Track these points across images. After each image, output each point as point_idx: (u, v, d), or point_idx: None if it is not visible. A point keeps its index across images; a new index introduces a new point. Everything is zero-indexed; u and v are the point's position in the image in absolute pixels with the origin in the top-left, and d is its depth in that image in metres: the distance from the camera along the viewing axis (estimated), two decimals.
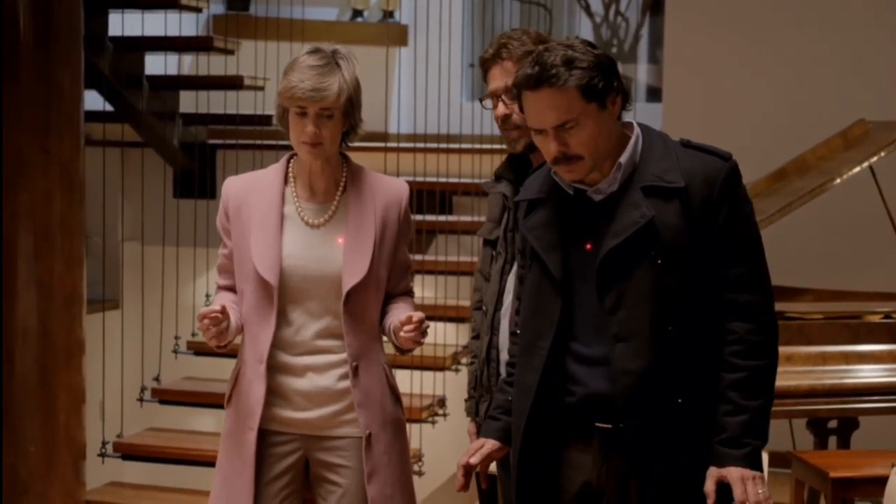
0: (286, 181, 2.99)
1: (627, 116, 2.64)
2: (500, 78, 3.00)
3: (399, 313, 2.93)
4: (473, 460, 2.74)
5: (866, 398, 4.59)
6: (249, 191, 2.99)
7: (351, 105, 2.90)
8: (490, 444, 2.76)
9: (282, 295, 2.91)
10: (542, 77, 2.49)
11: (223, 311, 2.83)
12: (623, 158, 2.56)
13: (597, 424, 2.56)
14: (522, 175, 3.05)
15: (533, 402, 2.60)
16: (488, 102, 3.04)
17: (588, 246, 2.55)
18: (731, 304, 2.54)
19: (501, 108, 3.00)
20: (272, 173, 3.01)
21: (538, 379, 2.59)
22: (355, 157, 3.04)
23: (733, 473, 2.49)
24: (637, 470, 2.53)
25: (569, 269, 2.58)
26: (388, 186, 3.01)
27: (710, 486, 2.50)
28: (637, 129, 2.62)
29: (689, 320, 2.52)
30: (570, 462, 2.62)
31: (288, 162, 3.02)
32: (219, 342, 2.87)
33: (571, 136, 2.50)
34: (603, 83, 2.51)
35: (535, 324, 2.62)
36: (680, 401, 2.50)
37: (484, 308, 3.09)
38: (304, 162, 2.95)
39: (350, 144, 3.00)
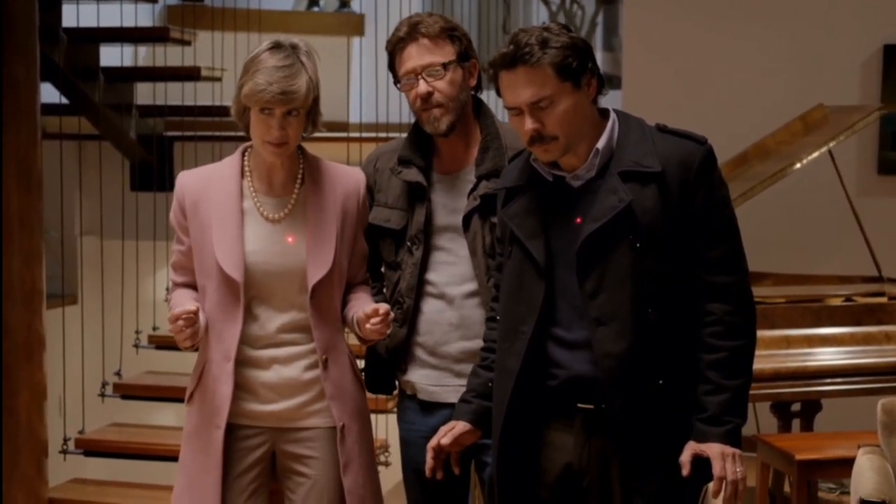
0: (242, 175, 2.95)
1: None
2: (419, 56, 2.94)
3: (362, 304, 2.92)
4: (444, 441, 2.75)
5: (829, 381, 4.64)
6: (205, 186, 2.94)
7: (315, 102, 2.87)
8: (461, 426, 2.78)
9: (246, 291, 2.88)
10: (517, 55, 2.52)
11: (197, 311, 2.80)
12: (600, 144, 2.59)
13: (579, 405, 2.58)
14: (430, 160, 3.03)
15: (514, 386, 2.61)
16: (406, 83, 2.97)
17: (578, 220, 2.56)
18: (709, 286, 2.57)
19: (423, 86, 2.94)
20: (227, 167, 2.97)
21: (520, 363, 2.60)
22: (315, 148, 3.01)
23: (714, 449, 2.53)
24: (618, 450, 2.55)
25: (550, 255, 2.59)
26: (346, 176, 2.99)
27: (685, 457, 2.53)
28: (613, 115, 2.65)
29: (668, 302, 2.54)
30: (551, 443, 2.64)
31: (243, 155, 2.98)
32: (192, 342, 2.83)
33: (546, 115, 2.53)
34: (577, 64, 2.54)
35: (516, 309, 2.63)
36: (661, 382, 2.53)
37: (400, 300, 3.01)
38: (264, 156, 2.92)
39: (307, 136, 2.96)
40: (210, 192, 2.92)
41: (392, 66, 3.02)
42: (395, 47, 2.98)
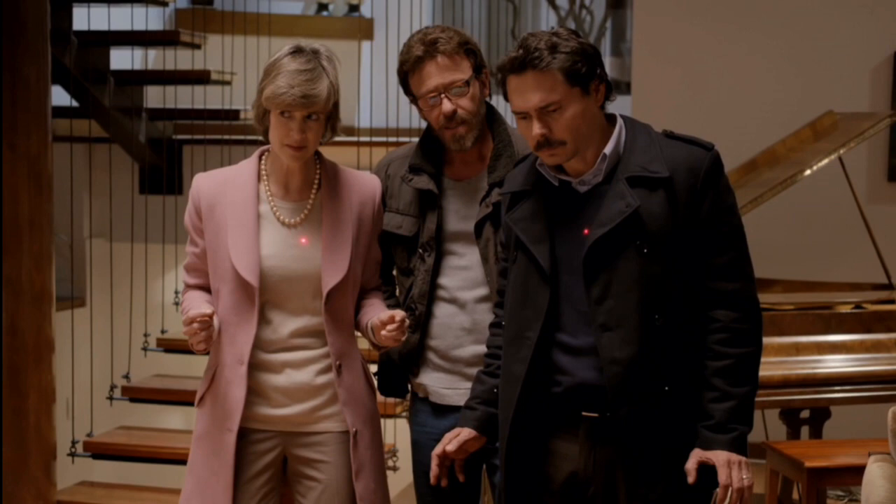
0: (259, 178, 2.95)
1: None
2: (440, 74, 2.90)
3: (376, 310, 2.92)
4: (450, 448, 2.74)
5: (838, 388, 4.62)
6: (222, 189, 2.93)
7: (335, 107, 2.87)
8: (466, 433, 2.77)
9: (260, 295, 2.88)
10: (527, 60, 2.52)
11: (213, 314, 2.79)
12: (608, 149, 2.58)
13: (584, 414, 2.57)
14: (441, 167, 3.02)
15: (520, 392, 2.60)
16: (428, 102, 2.92)
17: (585, 231, 2.55)
18: (716, 293, 2.57)
19: (448, 105, 2.90)
20: (244, 170, 2.96)
21: (525, 369, 2.59)
22: (324, 153, 3.01)
23: (720, 457, 2.52)
24: (624, 458, 2.55)
25: (555, 261, 2.58)
26: (363, 182, 2.99)
27: (691, 465, 2.53)
28: (620, 121, 2.65)
29: (674, 309, 2.53)
30: (557, 451, 2.63)
31: (260, 158, 2.97)
32: (206, 346, 2.83)
33: (555, 120, 2.53)
34: (586, 69, 2.54)
35: (522, 315, 2.62)
36: (667, 389, 2.52)
37: (413, 306, 3.01)
38: (281, 160, 2.92)
39: (325, 142, 2.96)
40: (226, 195, 2.92)
41: (405, 85, 2.98)
42: (413, 67, 2.93)
